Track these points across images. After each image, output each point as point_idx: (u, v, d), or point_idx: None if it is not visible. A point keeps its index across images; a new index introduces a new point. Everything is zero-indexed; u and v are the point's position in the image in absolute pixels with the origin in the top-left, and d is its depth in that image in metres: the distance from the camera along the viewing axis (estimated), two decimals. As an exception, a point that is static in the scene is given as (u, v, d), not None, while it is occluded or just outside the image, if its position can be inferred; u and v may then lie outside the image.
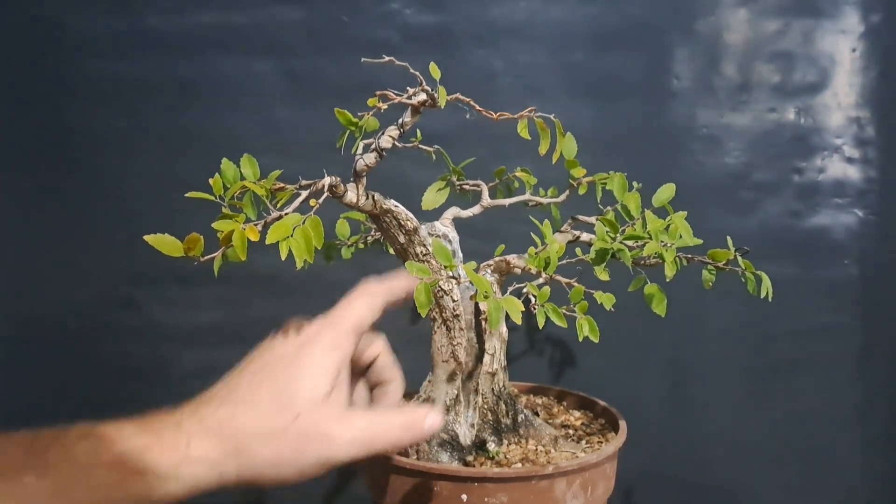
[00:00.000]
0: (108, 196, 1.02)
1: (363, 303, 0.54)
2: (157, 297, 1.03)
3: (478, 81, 0.97)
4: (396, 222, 0.63)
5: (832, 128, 0.98)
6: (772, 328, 1.00)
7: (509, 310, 0.52)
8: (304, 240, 0.50)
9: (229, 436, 0.47)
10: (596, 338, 0.58)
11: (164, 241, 0.49)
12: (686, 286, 0.66)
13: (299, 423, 0.48)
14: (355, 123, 0.57)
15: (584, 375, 1.01)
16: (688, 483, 1.03)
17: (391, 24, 0.97)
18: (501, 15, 0.98)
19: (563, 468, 0.60)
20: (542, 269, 0.58)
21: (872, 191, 0.98)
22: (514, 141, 0.63)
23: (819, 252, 0.99)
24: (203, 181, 0.65)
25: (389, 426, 0.51)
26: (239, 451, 0.47)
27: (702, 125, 0.98)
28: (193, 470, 0.46)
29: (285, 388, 0.49)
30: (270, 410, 0.48)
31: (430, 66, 0.56)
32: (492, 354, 0.68)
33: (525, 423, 0.69)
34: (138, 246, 0.50)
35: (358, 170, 0.59)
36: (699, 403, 1.02)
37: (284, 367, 0.50)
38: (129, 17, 0.99)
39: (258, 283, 1.01)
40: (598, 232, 0.61)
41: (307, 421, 0.48)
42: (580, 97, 0.98)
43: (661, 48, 0.98)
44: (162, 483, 0.45)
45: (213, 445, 0.47)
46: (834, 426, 1.01)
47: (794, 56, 0.98)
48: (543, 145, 0.63)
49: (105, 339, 1.04)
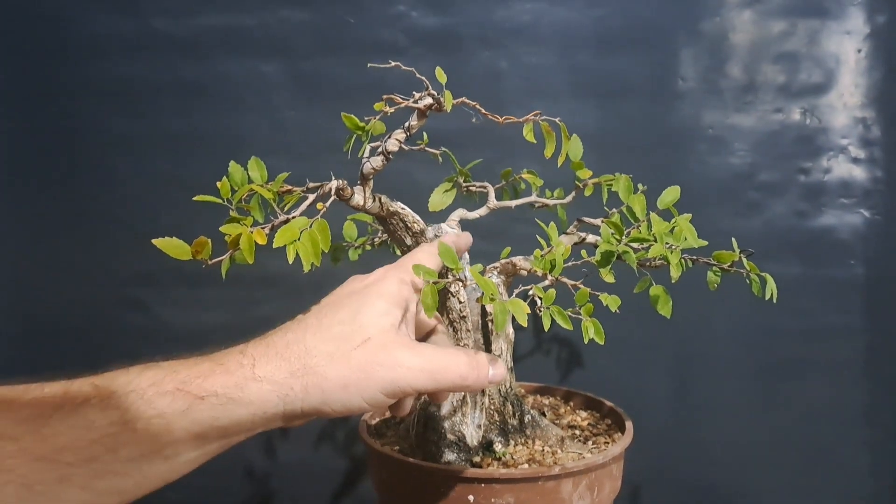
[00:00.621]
0: (116, 197, 1.03)
1: (426, 254, 0.55)
2: (164, 298, 1.04)
3: (483, 83, 0.98)
4: (403, 224, 0.63)
5: (838, 128, 0.98)
6: (778, 328, 1.00)
7: (515, 312, 0.52)
8: (312, 243, 0.50)
9: (298, 355, 0.46)
10: (601, 340, 0.59)
11: (172, 244, 0.50)
12: (692, 287, 0.66)
13: (369, 347, 0.47)
14: (362, 128, 0.57)
15: (590, 376, 1.01)
16: (694, 483, 1.03)
17: (397, 26, 0.98)
18: (507, 17, 0.98)
19: (569, 469, 0.61)
20: (548, 272, 0.59)
21: (878, 191, 0.98)
22: (520, 142, 0.63)
23: (825, 252, 0.99)
24: (209, 182, 0.66)
25: (458, 361, 0.50)
26: (307, 371, 0.46)
27: (707, 126, 0.99)
28: (259, 391, 0.45)
29: (356, 315, 0.49)
30: (341, 334, 0.48)
31: (437, 71, 0.57)
32: (498, 355, 0.68)
33: (532, 424, 0.70)
34: (145, 247, 0.50)
35: (365, 173, 0.59)
36: (705, 404, 1.02)
37: (355, 299, 0.50)
38: (135, 19, 1.00)
39: (265, 285, 1.02)
40: (604, 234, 0.61)
41: (377, 345, 0.48)
42: (585, 98, 0.99)
43: (667, 49, 0.98)
44: (227, 407, 0.44)
45: (279, 365, 0.46)
46: (840, 426, 1.01)
47: (799, 57, 0.98)
48: (549, 148, 0.63)
49: (113, 340, 1.05)
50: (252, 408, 0.45)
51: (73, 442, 0.41)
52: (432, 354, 0.50)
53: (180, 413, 0.43)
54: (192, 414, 0.43)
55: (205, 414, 0.44)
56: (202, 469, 0.47)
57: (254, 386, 0.45)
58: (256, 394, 0.45)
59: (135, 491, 0.44)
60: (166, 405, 0.43)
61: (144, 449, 0.43)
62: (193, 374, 0.44)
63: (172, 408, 0.43)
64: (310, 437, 1.05)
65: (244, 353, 0.47)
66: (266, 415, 0.45)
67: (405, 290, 0.52)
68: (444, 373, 0.49)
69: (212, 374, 0.45)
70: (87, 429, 0.41)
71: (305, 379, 0.46)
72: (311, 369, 0.46)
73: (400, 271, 0.53)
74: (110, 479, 0.42)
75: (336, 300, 0.52)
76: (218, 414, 0.44)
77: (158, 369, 0.45)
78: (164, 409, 0.43)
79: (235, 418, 0.44)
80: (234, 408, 0.44)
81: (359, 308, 0.49)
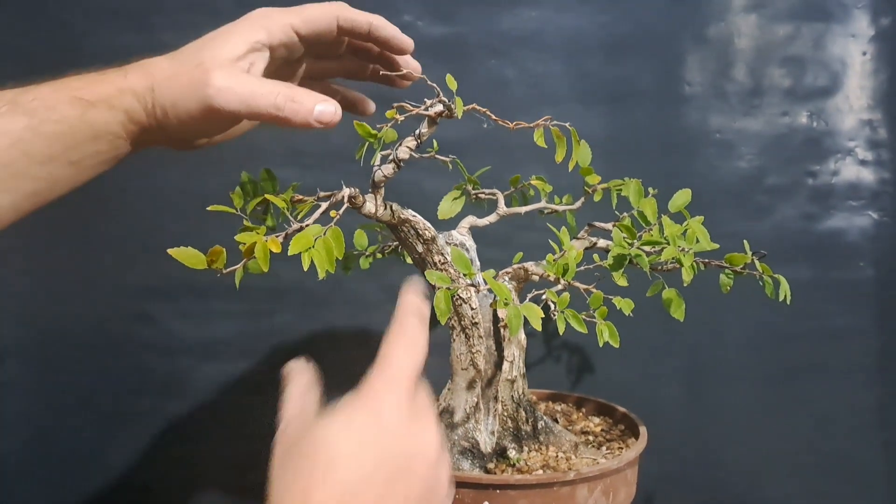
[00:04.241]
0: (126, 209, 1.03)
1: None
2: (173, 310, 1.04)
3: (491, 91, 0.98)
4: (414, 232, 0.63)
5: (845, 131, 0.98)
6: (789, 331, 0.99)
7: (529, 316, 0.53)
8: (326, 251, 0.50)
9: (150, 73, 0.54)
10: (616, 343, 0.59)
11: (187, 253, 0.50)
12: (704, 290, 0.66)
13: (197, 70, 0.53)
14: (374, 135, 0.58)
15: (602, 381, 1.01)
16: (708, 487, 1.02)
17: (405, 35, 0.98)
18: (513, 25, 0.98)
19: (584, 474, 0.61)
20: (561, 276, 0.59)
21: (886, 192, 0.98)
22: (528, 149, 0.63)
23: (834, 254, 0.99)
24: (220, 191, 0.66)
25: (273, 90, 0.53)
26: (154, 87, 0.54)
27: (715, 130, 0.99)
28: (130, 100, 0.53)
29: (202, 47, 0.55)
30: (183, 60, 0.55)
31: (447, 78, 0.57)
32: (511, 362, 0.68)
33: (545, 430, 0.69)
34: (155, 259, 0.51)
35: (376, 181, 0.60)
36: (718, 408, 1.01)
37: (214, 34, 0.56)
38: (144, 34, 1.01)
39: (273, 296, 1.02)
40: (616, 238, 0.61)
41: (202, 69, 0.53)
42: (593, 105, 0.99)
43: (673, 55, 0.99)
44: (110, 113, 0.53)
45: (140, 78, 0.54)
46: (854, 429, 1.00)
47: (805, 60, 0.98)
48: (559, 153, 0.64)
49: (123, 353, 1.05)
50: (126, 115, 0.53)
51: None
52: (248, 80, 0.53)
53: (78, 117, 0.52)
54: (87, 118, 0.52)
55: (98, 117, 0.52)
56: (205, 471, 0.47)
57: (126, 95, 0.53)
58: (129, 103, 0.53)
59: (47, 195, 0.53)
60: (66, 110, 0.51)
61: (53, 151, 0.51)
62: (83, 83, 0.53)
63: (71, 112, 0.51)
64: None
65: (123, 70, 0.55)
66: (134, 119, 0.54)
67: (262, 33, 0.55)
68: (256, 98, 0.52)
69: (97, 83, 0.53)
70: (3, 135, 0.50)
71: (154, 94, 0.54)
72: (157, 86, 0.54)
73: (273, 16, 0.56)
74: (27, 183, 0.51)
75: None
76: (107, 118, 0.53)
77: (59, 83, 0.53)
78: (66, 114, 0.51)
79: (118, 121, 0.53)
80: (115, 113, 0.53)
81: (209, 40, 0.55)
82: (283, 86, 0.53)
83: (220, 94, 0.52)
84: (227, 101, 0.52)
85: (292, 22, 0.57)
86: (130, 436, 1.05)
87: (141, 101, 0.54)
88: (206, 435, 1.05)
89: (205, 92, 0.52)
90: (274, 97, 0.52)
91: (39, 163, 0.51)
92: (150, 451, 1.06)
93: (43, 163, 0.51)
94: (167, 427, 1.05)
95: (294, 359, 0.52)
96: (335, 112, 0.53)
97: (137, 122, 0.54)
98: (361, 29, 0.60)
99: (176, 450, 1.04)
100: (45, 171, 0.52)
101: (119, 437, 1.05)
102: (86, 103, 0.52)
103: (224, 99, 0.52)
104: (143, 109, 0.54)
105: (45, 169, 0.52)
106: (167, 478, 1.05)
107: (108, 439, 1.06)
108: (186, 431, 1.05)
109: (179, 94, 0.53)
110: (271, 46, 0.56)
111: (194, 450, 1.05)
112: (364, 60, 0.65)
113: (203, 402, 1.05)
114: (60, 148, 0.52)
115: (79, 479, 1.05)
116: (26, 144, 0.50)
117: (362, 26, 0.60)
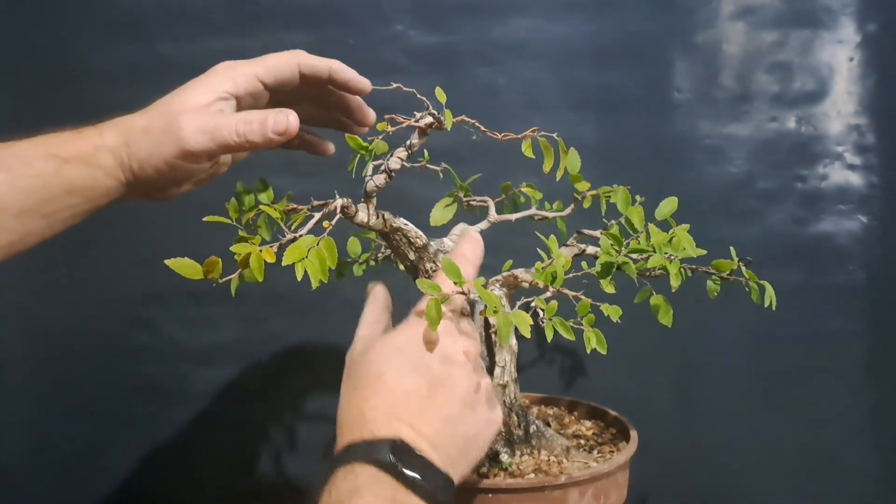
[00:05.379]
0: (124, 219, 1.04)
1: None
2: (172, 316, 1.05)
3: (482, 99, 0.99)
4: (406, 240, 0.64)
5: (833, 135, 0.99)
6: (779, 335, 1.00)
7: (518, 324, 0.54)
8: (319, 261, 0.51)
9: (125, 129, 0.57)
10: (603, 350, 0.60)
11: (183, 264, 0.51)
12: (694, 295, 0.67)
13: (168, 120, 0.56)
14: (365, 148, 0.59)
15: (594, 385, 1.02)
16: (699, 491, 1.03)
17: (396, 45, 1.00)
18: (504, 34, 0.99)
19: (575, 478, 0.62)
20: (550, 284, 0.60)
21: (875, 196, 0.99)
22: (518, 157, 0.64)
23: (824, 258, 1.00)
24: (217, 201, 0.67)
25: (232, 120, 0.57)
26: (129, 143, 0.57)
27: (704, 136, 1.00)
28: (103, 155, 0.56)
29: (172, 98, 0.59)
30: (155, 114, 0.58)
31: (437, 91, 0.58)
32: (502, 367, 0.69)
33: (537, 434, 0.70)
34: (153, 266, 0.52)
35: (368, 191, 0.61)
36: (709, 412, 1.02)
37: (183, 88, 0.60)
38: (141, 45, 1.02)
39: (270, 302, 1.03)
40: (603, 246, 0.62)
41: (174, 119, 0.56)
42: (583, 112, 1.00)
43: (662, 62, 1.00)
44: (86, 169, 0.56)
45: (115, 135, 0.57)
46: (844, 432, 1.01)
47: (792, 66, 0.99)
48: (547, 163, 0.65)
49: (122, 359, 1.06)
50: (102, 171, 0.56)
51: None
52: (212, 117, 0.57)
53: (53, 173, 0.54)
54: (62, 174, 0.55)
55: (73, 174, 0.55)
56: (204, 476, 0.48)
57: (103, 153, 0.56)
58: (105, 160, 0.56)
59: (19, 246, 0.56)
60: (41, 166, 0.54)
61: (27, 204, 0.54)
62: (60, 140, 0.56)
63: (46, 169, 0.54)
64: (318, 450, 1.05)
65: (98, 128, 0.58)
66: (111, 174, 0.57)
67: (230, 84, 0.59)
68: (220, 130, 0.56)
69: (72, 141, 0.56)
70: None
71: (129, 149, 0.57)
72: (132, 141, 0.57)
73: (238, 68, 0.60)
74: (1, 235, 0.54)
75: None
76: (82, 174, 0.56)
77: (34, 140, 0.56)
78: (41, 170, 0.54)
79: (94, 177, 0.56)
80: (91, 170, 0.56)
81: (178, 92, 0.59)
82: (241, 114, 0.57)
83: (190, 136, 0.56)
84: (198, 141, 0.56)
85: (256, 71, 0.60)
86: (129, 441, 1.06)
87: (116, 158, 0.57)
88: (204, 440, 1.06)
89: (177, 135, 0.56)
90: (234, 125, 0.56)
91: (13, 215, 0.54)
92: (149, 456, 1.07)
93: (17, 215, 0.54)
94: (166, 432, 1.06)
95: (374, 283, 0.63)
96: (288, 120, 0.57)
97: (114, 177, 0.57)
98: (322, 73, 0.63)
99: (175, 455, 1.05)
100: (18, 224, 0.55)
101: (118, 442, 1.06)
102: (61, 160, 0.55)
103: (195, 140, 0.56)
104: (118, 165, 0.57)
105: (18, 221, 0.55)
106: (166, 483, 1.06)
107: (108, 445, 1.07)
108: (185, 436, 1.06)
109: (153, 144, 0.56)
110: (237, 96, 0.59)
111: (193, 455, 1.06)
112: (322, 108, 0.68)
113: (201, 408, 1.06)
114: (34, 202, 0.55)
115: (78, 485, 1.06)
116: (1, 198, 0.53)
117: (322, 71, 0.63)
